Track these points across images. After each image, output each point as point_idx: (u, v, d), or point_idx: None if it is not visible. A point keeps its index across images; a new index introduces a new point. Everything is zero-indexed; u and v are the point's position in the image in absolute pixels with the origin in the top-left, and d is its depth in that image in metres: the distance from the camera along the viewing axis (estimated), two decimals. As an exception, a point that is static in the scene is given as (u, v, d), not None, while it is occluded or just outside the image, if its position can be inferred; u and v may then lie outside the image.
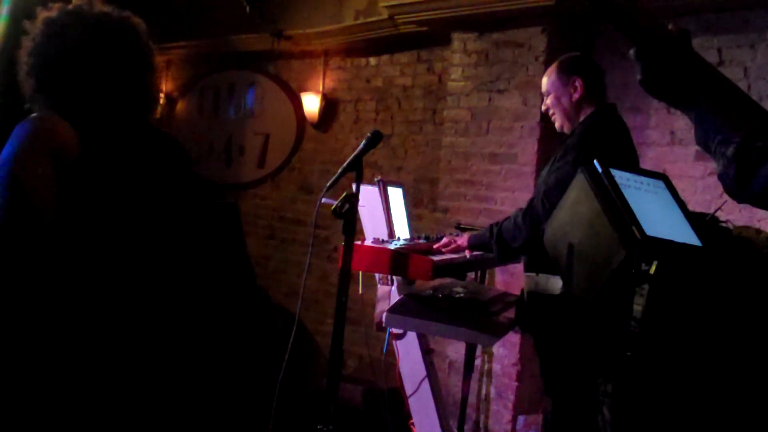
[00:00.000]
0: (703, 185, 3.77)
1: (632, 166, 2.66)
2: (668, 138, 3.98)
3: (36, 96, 1.63)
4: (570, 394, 2.67)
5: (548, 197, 2.55)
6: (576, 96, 2.72)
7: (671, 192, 1.83)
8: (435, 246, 2.82)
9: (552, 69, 2.82)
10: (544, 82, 2.83)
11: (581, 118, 2.74)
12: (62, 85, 1.60)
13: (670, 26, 1.24)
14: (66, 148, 1.49)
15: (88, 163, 1.51)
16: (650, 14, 1.21)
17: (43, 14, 1.64)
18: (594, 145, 2.61)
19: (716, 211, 1.82)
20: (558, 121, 2.79)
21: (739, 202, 1.19)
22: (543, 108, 2.87)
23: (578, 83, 2.71)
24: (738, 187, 1.14)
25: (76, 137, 1.51)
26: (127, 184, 1.57)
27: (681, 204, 1.81)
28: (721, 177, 1.17)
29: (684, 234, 1.69)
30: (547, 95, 2.81)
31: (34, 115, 1.57)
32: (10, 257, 1.38)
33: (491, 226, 2.74)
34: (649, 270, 1.65)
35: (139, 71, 1.68)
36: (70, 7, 1.65)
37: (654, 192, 1.79)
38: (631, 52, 1.24)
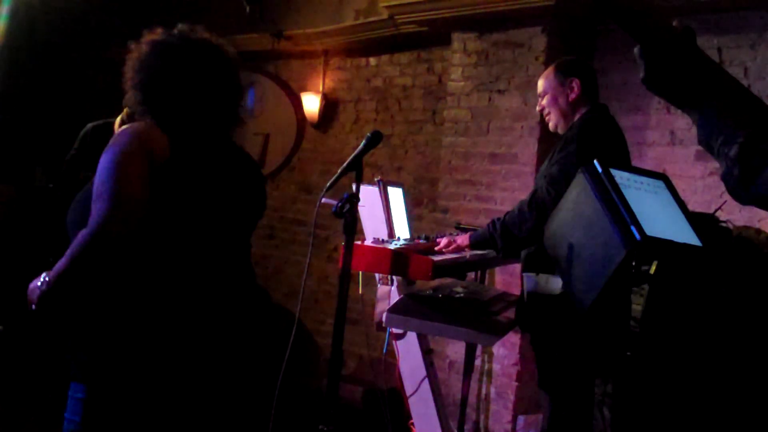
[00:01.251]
0: (703, 185, 3.77)
1: (625, 163, 2.69)
2: (668, 138, 3.98)
3: (140, 107, 1.81)
4: (567, 392, 2.68)
5: (553, 186, 2.58)
6: (573, 96, 2.80)
7: (671, 192, 1.83)
8: (436, 248, 2.82)
9: (549, 71, 2.90)
10: (541, 83, 2.91)
11: (576, 117, 2.82)
12: (164, 99, 1.79)
13: (674, 23, 1.24)
14: (158, 151, 1.69)
15: (176, 166, 1.70)
16: (655, 11, 1.20)
17: (148, 36, 1.85)
18: (593, 135, 2.68)
19: (716, 211, 1.82)
20: (553, 121, 2.87)
21: (743, 203, 1.19)
22: (538, 108, 2.95)
23: (575, 84, 2.80)
24: (742, 189, 1.13)
25: (167, 143, 1.71)
26: (208, 187, 1.77)
27: (681, 204, 1.81)
28: (725, 178, 1.17)
29: (684, 234, 1.69)
30: (543, 96, 2.89)
31: (132, 124, 1.77)
32: (112, 241, 1.58)
33: (491, 222, 2.75)
34: (649, 270, 1.65)
35: (229, 92, 1.88)
36: (175, 31, 1.87)
37: (654, 192, 1.79)
38: (636, 50, 1.24)
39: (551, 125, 2.88)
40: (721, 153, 1.17)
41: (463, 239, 2.83)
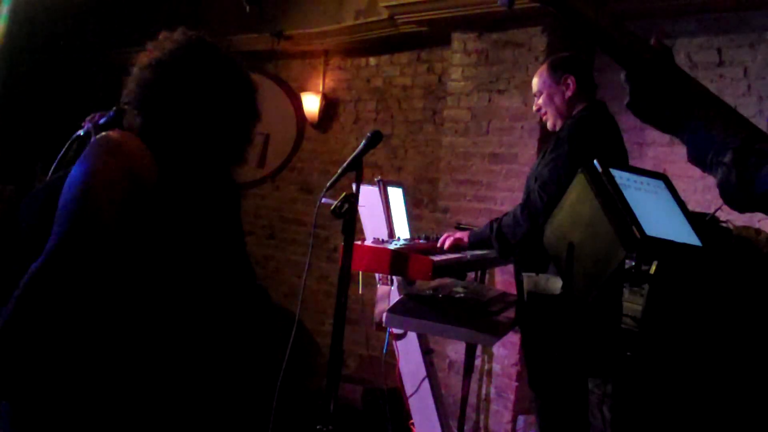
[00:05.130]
0: (703, 185, 3.77)
1: (623, 161, 2.69)
2: (668, 138, 3.98)
3: (131, 109, 1.55)
4: (559, 393, 2.68)
5: (545, 189, 2.58)
6: (568, 93, 2.76)
7: (671, 192, 1.82)
8: (438, 245, 2.85)
9: (543, 69, 2.86)
10: (535, 82, 2.87)
11: (573, 115, 2.77)
12: (167, 112, 1.53)
13: (652, 41, 1.25)
14: (142, 172, 1.43)
15: (165, 195, 1.45)
16: (632, 34, 1.22)
17: (182, 35, 1.58)
18: (585, 136, 2.64)
19: (716, 211, 1.82)
20: (551, 120, 2.83)
21: (742, 210, 1.19)
22: (534, 108, 2.90)
23: (570, 81, 2.75)
24: (741, 192, 1.14)
25: (154, 163, 1.45)
26: (193, 224, 1.53)
27: (681, 204, 1.80)
28: (722, 185, 1.17)
29: (684, 234, 1.69)
30: (539, 95, 2.85)
31: (111, 133, 1.49)
32: (68, 275, 1.35)
33: (491, 222, 2.76)
34: (649, 270, 1.65)
35: (245, 130, 1.63)
36: (210, 39, 1.61)
37: (654, 192, 1.79)
38: (622, 75, 1.25)
39: (549, 124, 2.84)
40: (714, 163, 1.17)
41: (463, 235, 2.85)
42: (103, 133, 1.49)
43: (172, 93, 1.53)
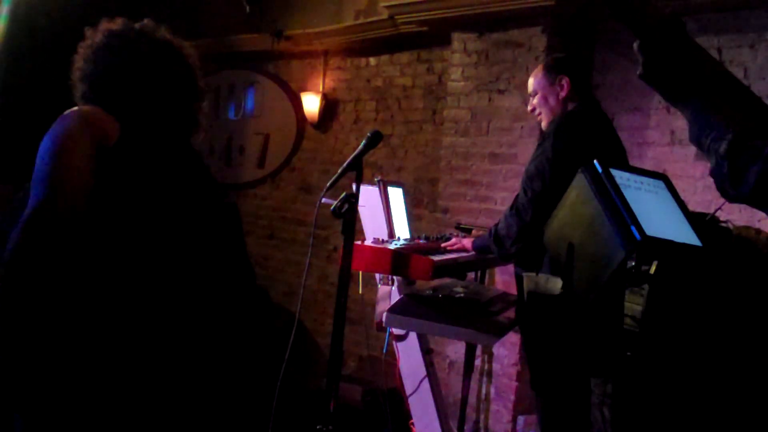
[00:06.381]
0: (703, 185, 3.77)
1: (617, 158, 2.70)
2: (668, 138, 3.98)
3: (82, 102, 1.67)
4: (561, 393, 2.68)
5: (530, 185, 2.62)
6: (563, 94, 2.77)
7: (671, 192, 1.82)
8: (443, 245, 2.89)
9: (538, 69, 2.88)
10: (531, 82, 2.89)
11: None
12: (112, 97, 1.64)
13: (667, 12, 1.24)
14: (108, 132, 1.54)
15: (123, 153, 1.53)
16: (648, 1, 1.21)
17: (106, 25, 1.72)
18: (570, 131, 2.66)
19: (716, 211, 1.82)
20: (545, 120, 2.85)
21: (731, 201, 1.19)
22: (529, 108, 2.94)
23: (564, 82, 2.77)
24: (731, 185, 1.14)
25: (118, 128, 1.55)
26: (156, 182, 1.60)
27: (681, 204, 1.80)
28: (714, 173, 1.17)
29: (684, 234, 1.69)
30: (534, 95, 2.87)
31: (80, 106, 1.60)
32: (43, 237, 1.39)
33: (490, 228, 2.79)
34: (649, 270, 1.64)
35: (186, 98, 1.75)
36: (136, 24, 1.73)
37: (654, 192, 1.79)
38: (635, 44, 1.24)
39: (543, 124, 2.86)
40: (711, 149, 1.17)
41: (468, 241, 2.90)
42: (75, 107, 1.59)
43: (110, 81, 1.65)
